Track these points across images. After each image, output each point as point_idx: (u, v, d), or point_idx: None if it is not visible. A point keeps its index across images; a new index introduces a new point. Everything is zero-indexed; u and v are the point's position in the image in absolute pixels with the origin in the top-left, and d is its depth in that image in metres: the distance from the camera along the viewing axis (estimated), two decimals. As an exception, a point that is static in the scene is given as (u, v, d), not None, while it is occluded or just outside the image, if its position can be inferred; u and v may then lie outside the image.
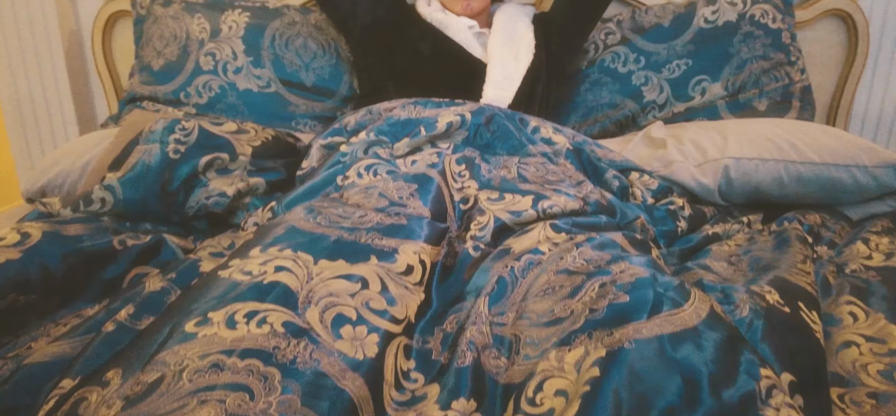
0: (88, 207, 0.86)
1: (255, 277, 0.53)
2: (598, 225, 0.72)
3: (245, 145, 0.94)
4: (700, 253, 0.84)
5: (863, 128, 1.65)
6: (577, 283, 0.53)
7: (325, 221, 0.66)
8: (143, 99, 1.40)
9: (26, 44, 1.65)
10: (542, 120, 1.04)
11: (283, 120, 1.37)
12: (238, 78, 1.36)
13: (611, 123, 1.36)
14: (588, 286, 0.52)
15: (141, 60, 1.45)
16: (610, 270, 0.54)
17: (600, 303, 0.49)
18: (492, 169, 0.88)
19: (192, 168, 0.87)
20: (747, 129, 1.10)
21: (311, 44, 1.40)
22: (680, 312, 0.48)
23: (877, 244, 0.93)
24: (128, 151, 0.89)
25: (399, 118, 0.95)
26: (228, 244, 0.77)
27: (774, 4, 1.37)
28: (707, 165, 1.02)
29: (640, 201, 0.93)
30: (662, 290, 0.50)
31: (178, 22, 1.40)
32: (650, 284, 0.51)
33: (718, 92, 1.32)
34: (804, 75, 1.38)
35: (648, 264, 0.56)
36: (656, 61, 1.34)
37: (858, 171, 1.02)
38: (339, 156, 0.91)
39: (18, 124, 1.75)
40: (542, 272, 0.57)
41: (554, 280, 0.55)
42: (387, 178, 0.81)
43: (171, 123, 0.89)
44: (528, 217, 0.73)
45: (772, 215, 1.02)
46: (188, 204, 0.87)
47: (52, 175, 1.13)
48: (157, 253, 0.80)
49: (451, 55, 1.27)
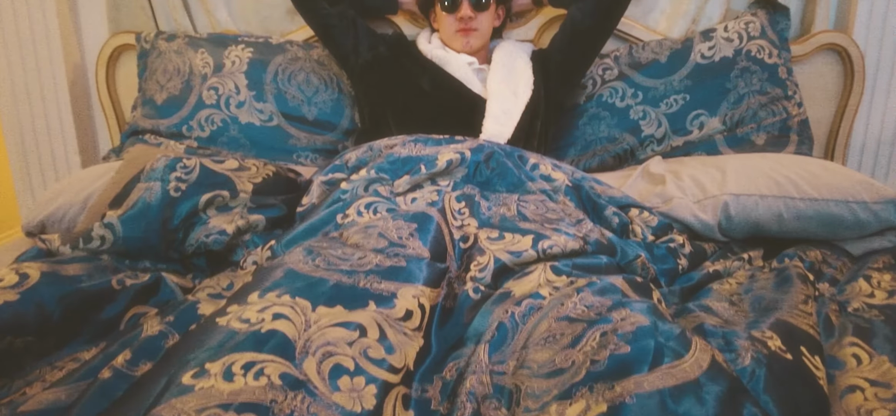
0: (88, 244, 0.86)
1: (253, 325, 0.52)
2: (599, 266, 0.72)
3: (246, 182, 0.94)
4: (701, 292, 0.83)
5: (862, 158, 1.66)
6: (578, 331, 0.53)
7: (324, 263, 0.66)
8: (146, 132, 1.41)
9: (31, 75, 1.67)
10: (541, 156, 1.04)
11: (285, 153, 1.38)
12: (240, 112, 1.37)
13: (609, 156, 1.36)
14: (589, 335, 0.52)
15: (144, 94, 1.46)
16: (611, 317, 0.54)
17: (602, 353, 0.49)
18: (491, 206, 0.88)
19: (193, 206, 0.87)
20: (746, 165, 1.10)
21: (313, 79, 1.41)
22: (681, 363, 0.47)
23: (878, 281, 0.92)
24: (129, 189, 0.89)
25: (399, 156, 0.95)
26: (227, 284, 0.77)
27: (770, 40, 1.39)
28: (706, 202, 1.02)
29: (640, 239, 0.93)
30: (664, 339, 0.50)
31: (182, 56, 1.42)
32: (651, 333, 0.50)
33: (716, 126, 1.33)
34: (801, 109, 1.39)
35: (649, 310, 0.56)
36: (654, 96, 1.35)
37: (858, 207, 1.02)
38: (339, 193, 0.92)
39: (21, 154, 1.76)
40: (543, 319, 0.57)
41: (555, 328, 0.54)
42: (386, 216, 0.81)
43: (173, 161, 0.90)
44: (528, 258, 0.73)
45: (773, 251, 1.02)
46: (188, 242, 0.87)
47: (53, 209, 1.13)
48: (156, 292, 0.80)
49: (451, 91, 1.28)
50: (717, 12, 1.53)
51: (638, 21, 1.51)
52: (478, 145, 0.98)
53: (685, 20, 1.52)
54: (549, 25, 1.50)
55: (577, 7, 1.29)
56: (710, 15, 1.53)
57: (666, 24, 1.53)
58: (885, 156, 1.63)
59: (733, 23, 1.41)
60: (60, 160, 1.74)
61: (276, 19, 1.55)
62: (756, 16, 1.42)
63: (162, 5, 1.58)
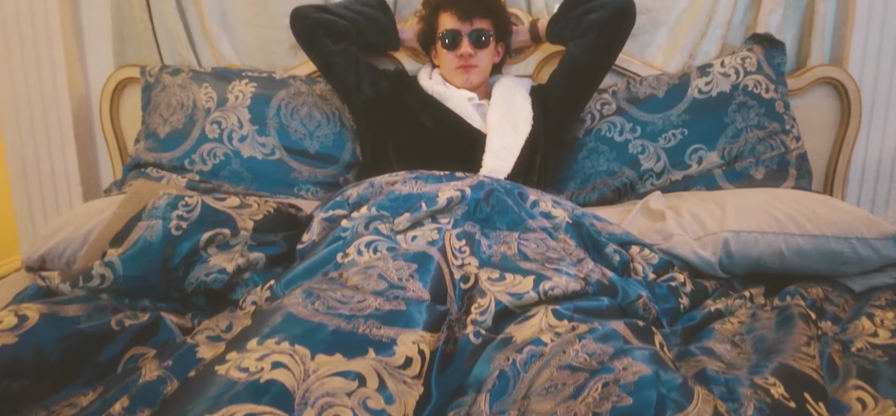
0: (88, 283, 0.85)
1: (252, 374, 0.52)
2: (601, 309, 0.72)
3: (247, 220, 0.94)
4: (703, 333, 0.83)
5: (860, 190, 1.66)
6: (581, 381, 0.52)
7: (323, 307, 0.66)
8: (148, 165, 1.42)
9: (35, 105, 1.68)
10: (541, 193, 1.05)
11: (286, 186, 1.39)
12: (243, 146, 1.38)
13: (609, 190, 1.37)
14: (591, 386, 0.51)
15: (147, 127, 1.48)
16: (613, 367, 0.54)
17: (604, 406, 0.48)
18: (492, 245, 0.88)
19: (194, 244, 0.87)
20: (745, 200, 1.10)
21: (315, 113, 1.43)
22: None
23: (881, 320, 0.92)
24: (130, 227, 0.89)
25: (400, 193, 0.96)
26: (226, 326, 0.77)
27: (767, 75, 1.41)
28: (707, 239, 1.02)
29: (641, 277, 0.92)
30: (666, 390, 0.50)
31: (186, 91, 1.44)
32: (653, 383, 0.50)
33: (715, 161, 1.34)
34: (799, 143, 1.40)
35: (651, 358, 0.55)
36: (652, 131, 1.37)
37: (858, 243, 1.02)
38: (339, 231, 0.92)
39: (23, 184, 1.77)
40: (545, 367, 0.56)
41: (557, 377, 0.54)
42: (387, 255, 0.81)
43: (175, 199, 0.90)
44: (529, 300, 0.73)
45: (774, 288, 1.02)
46: (188, 280, 0.87)
47: (54, 244, 1.13)
48: (155, 332, 0.79)
49: (451, 126, 1.30)
50: (714, 47, 1.56)
51: (635, 56, 1.53)
52: (478, 182, 0.99)
53: (682, 55, 1.54)
54: (548, 61, 1.52)
55: (575, 44, 1.31)
56: (707, 50, 1.56)
57: (663, 59, 1.55)
58: (884, 187, 1.63)
59: (730, 58, 1.43)
60: (62, 191, 1.75)
61: (280, 54, 1.58)
62: (752, 51, 1.44)
63: (167, 40, 1.61)
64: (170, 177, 1.38)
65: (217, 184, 1.37)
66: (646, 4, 1.52)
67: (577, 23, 1.29)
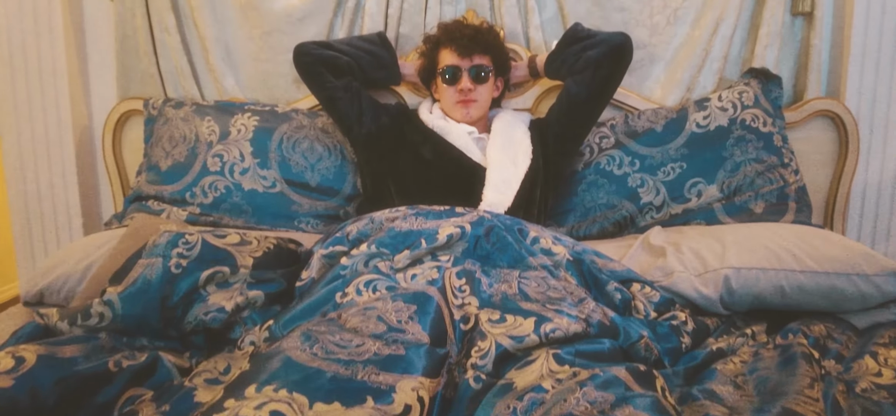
0: (86, 321, 0.85)
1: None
2: (602, 353, 0.71)
3: (246, 257, 0.94)
4: (706, 374, 0.82)
5: (861, 222, 1.66)
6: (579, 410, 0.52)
7: (322, 351, 0.66)
8: (149, 198, 1.42)
9: (39, 135, 1.70)
10: (541, 229, 1.05)
11: (286, 219, 1.39)
12: (244, 179, 1.39)
13: (609, 223, 1.37)
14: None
15: (149, 160, 1.49)
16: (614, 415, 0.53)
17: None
18: (492, 283, 0.88)
19: (193, 283, 0.87)
20: (746, 236, 1.11)
21: (317, 146, 1.44)
22: (687, 471, 0.46)
23: (885, 359, 0.91)
24: (130, 265, 0.89)
25: (400, 230, 0.96)
26: (224, 368, 0.76)
27: (764, 109, 1.42)
28: (708, 276, 1.02)
29: (642, 315, 0.92)
30: (668, 442, 0.49)
31: (188, 124, 1.46)
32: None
33: (715, 194, 1.35)
34: (798, 176, 1.41)
35: (652, 406, 0.55)
36: (651, 164, 1.37)
37: (860, 279, 1.02)
38: (339, 269, 0.92)
39: (23, 213, 1.77)
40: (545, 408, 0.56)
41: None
42: (386, 295, 0.81)
43: (175, 237, 0.90)
44: (530, 343, 0.72)
45: (776, 324, 1.01)
46: (186, 319, 0.86)
47: (53, 279, 1.13)
48: (153, 372, 0.78)
49: (451, 160, 1.30)
50: (711, 81, 1.58)
51: (633, 90, 1.54)
52: (478, 219, 0.99)
53: (680, 89, 1.56)
54: (546, 95, 1.54)
55: (573, 79, 1.32)
56: (704, 84, 1.57)
57: (661, 93, 1.57)
58: (884, 219, 1.63)
59: (727, 92, 1.45)
60: (62, 222, 1.75)
61: (282, 88, 1.59)
62: (749, 85, 1.45)
63: (170, 73, 1.63)
64: (170, 210, 1.38)
65: (217, 217, 1.37)
66: (643, 40, 1.55)
67: (574, 59, 1.31)
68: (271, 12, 1.54)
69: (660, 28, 1.55)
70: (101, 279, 1.03)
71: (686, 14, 1.56)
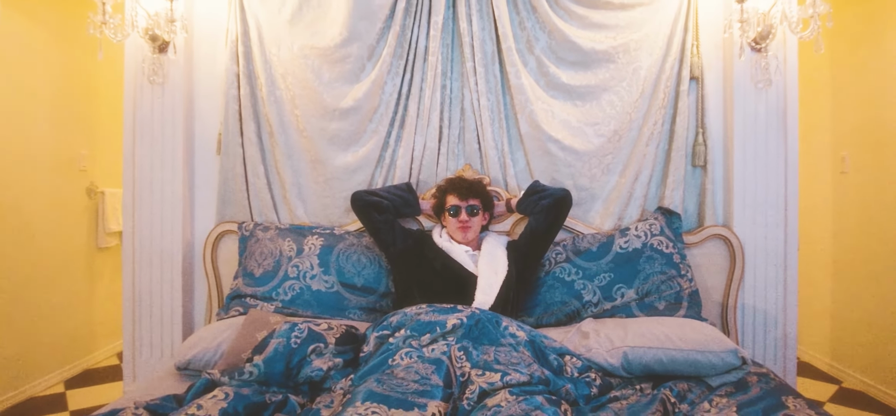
0: (241, 376, 1.46)
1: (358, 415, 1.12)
2: (536, 391, 1.32)
3: (331, 337, 1.57)
4: (601, 408, 1.42)
5: (755, 318, 2.25)
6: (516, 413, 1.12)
7: (388, 387, 1.27)
8: (246, 296, 2.05)
9: (155, 246, 2.33)
10: (511, 320, 1.67)
11: (340, 310, 2.01)
12: (313, 282, 2.03)
13: (563, 315, 1.99)
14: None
15: (244, 268, 2.13)
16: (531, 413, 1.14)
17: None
18: (479, 355, 1.49)
19: (303, 353, 1.49)
20: (641, 326, 1.72)
21: (362, 258, 2.09)
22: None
23: (717, 404, 1.50)
24: (266, 342, 1.52)
25: (423, 320, 1.58)
26: (328, 402, 1.36)
27: (667, 236, 2.08)
28: (613, 351, 1.63)
29: (570, 374, 1.52)
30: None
31: (274, 243, 2.11)
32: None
33: (632, 296, 1.98)
34: (692, 283, 2.04)
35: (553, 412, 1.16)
36: (590, 274, 2.01)
37: (711, 354, 1.63)
38: (387, 345, 1.54)
39: (131, 305, 2.35)
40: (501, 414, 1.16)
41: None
42: (417, 360, 1.42)
43: (292, 326, 1.53)
44: (498, 386, 1.33)
45: (659, 383, 1.61)
46: (300, 375, 1.47)
47: (196, 352, 1.74)
48: (285, 405, 1.39)
49: (454, 271, 1.95)
50: (636, 213, 2.25)
51: (579, 220, 2.22)
52: (470, 313, 1.62)
53: (613, 219, 2.23)
54: (519, 223, 2.21)
55: (534, 218, 2.00)
56: (631, 215, 2.25)
57: (599, 222, 2.24)
58: (761, 317, 2.24)
59: (641, 224, 2.11)
60: (166, 317, 2.32)
61: (336, 216, 2.27)
62: (657, 219, 2.12)
63: (257, 203, 2.31)
64: (262, 304, 2.01)
65: (293, 309, 2.00)
66: (585, 185, 2.24)
67: (534, 205, 1.99)
68: (332, 166, 2.25)
69: (597, 177, 2.25)
70: (235, 351, 1.65)
71: (615, 167, 2.26)
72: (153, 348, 2.34)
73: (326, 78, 2.25)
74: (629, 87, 2.24)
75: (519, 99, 2.21)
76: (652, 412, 1.37)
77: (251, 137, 2.28)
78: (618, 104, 2.24)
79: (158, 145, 2.32)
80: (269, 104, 2.27)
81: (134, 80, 2.31)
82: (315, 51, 2.24)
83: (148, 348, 2.34)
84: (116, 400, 1.41)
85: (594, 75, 2.24)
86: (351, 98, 2.23)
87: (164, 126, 2.31)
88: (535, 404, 1.21)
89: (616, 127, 2.24)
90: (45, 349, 3.04)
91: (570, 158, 2.22)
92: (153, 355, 2.34)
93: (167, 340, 2.33)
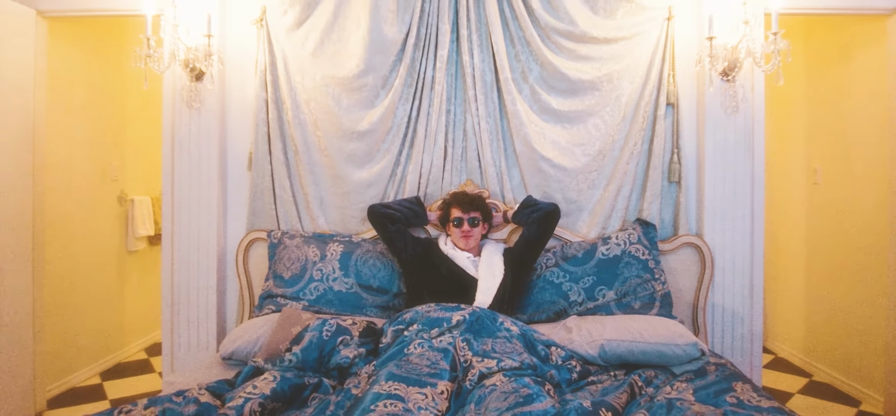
0: (282, 364, 1.76)
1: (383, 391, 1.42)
2: (525, 374, 1.62)
3: (355, 331, 1.87)
4: (580, 390, 1.72)
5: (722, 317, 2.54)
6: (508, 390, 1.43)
7: (405, 370, 1.57)
8: (276, 296, 2.35)
9: (192, 252, 2.64)
10: (505, 316, 1.97)
11: (359, 308, 2.31)
12: (334, 284, 2.33)
13: (552, 313, 2.29)
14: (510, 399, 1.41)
15: (274, 271, 2.43)
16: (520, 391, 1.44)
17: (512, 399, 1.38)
18: (479, 345, 1.79)
19: (333, 344, 1.80)
20: (617, 323, 2.02)
21: (377, 262, 2.39)
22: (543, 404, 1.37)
23: (677, 388, 1.80)
24: (302, 334, 1.82)
25: (432, 317, 1.89)
26: (356, 383, 1.67)
27: (643, 244, 2.38)
28: (592, 343, 1.93)
29: (555, 362, 1.83)
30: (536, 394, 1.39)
31: (300, 249, 2.42)
32: (538, 394, 1.40)
33: (612, 297, 2.28)
34: (664, 285, 2.34)
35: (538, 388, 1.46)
36: (576, 277, 2.31)
37: (675, 347, 1.93)
38: (402, 337, 1.84)
39: (169, 304, 2.65)
40: (496, 391, 1.46)
41: (499, 395, 1.44)
42: (428, 350, 1.72)
43: (324, 321, 1.84)
44: (494, 370, 1.63)
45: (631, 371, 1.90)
46: (331, 363, 1.78)
47: (239, 345, 2.04)
48: (319, 386, 1.69)
49: (457, 275, 2.25)
50: (618, 223, 2.55)
51: (568, 229, 2.52)
52: (472, 311, 1.92)
53: (598, 228, 2.53)
54: (515, 232, 2.51)
55: (527, 228, 2.30)
56: (614, 224, 2.55)
57: (586, 230, 2.54)
58: (728, 317, 2.53)
59: (621, 233, 2.41)
60: (202, 313, 2.63)
61: (353, 224, 2.58)
62: (635, 229, 2.42)
63: (283, 213, 2.61)
64: (291, 303, 2.31)
65: (318, 307, 2.30)
66: (573, 197, 2.54)
67: (527, 217, 2.30)
68: (350, 181, 2.55)
69: (584, 191, 2.55)
70: (272, 343, 1.95)
71: (600, 182, 2.56)
72: (190, 342, 2.64)
73: (345, 104, 2.55)
74: (612, 112, 2.53)
75: (515, 123, 2.51)
76: (621, 393, 1.67)
77: (278, 155, 2.58)
78: (602, 127, 2.53)
79: (195, 161, 2.62)
80: (295, 127, 2.58)
81: (172, 104, 2.61)
82: (335, 80, 2.54)
83: (185, 342, 2.64)
84: (181, 382, 1.72)
85: (581, 102, 2.54)
86: (367, 122, 2.53)
87: (200, 145, 2.61)
88: (523, 383, 1.52)
89: (600, 147, 2.53)
90: (83, 344, 3.35)
91: (560, 174, 2.52)
92: (190, 348, 2.64)
93: (203, 335, 2.63)
